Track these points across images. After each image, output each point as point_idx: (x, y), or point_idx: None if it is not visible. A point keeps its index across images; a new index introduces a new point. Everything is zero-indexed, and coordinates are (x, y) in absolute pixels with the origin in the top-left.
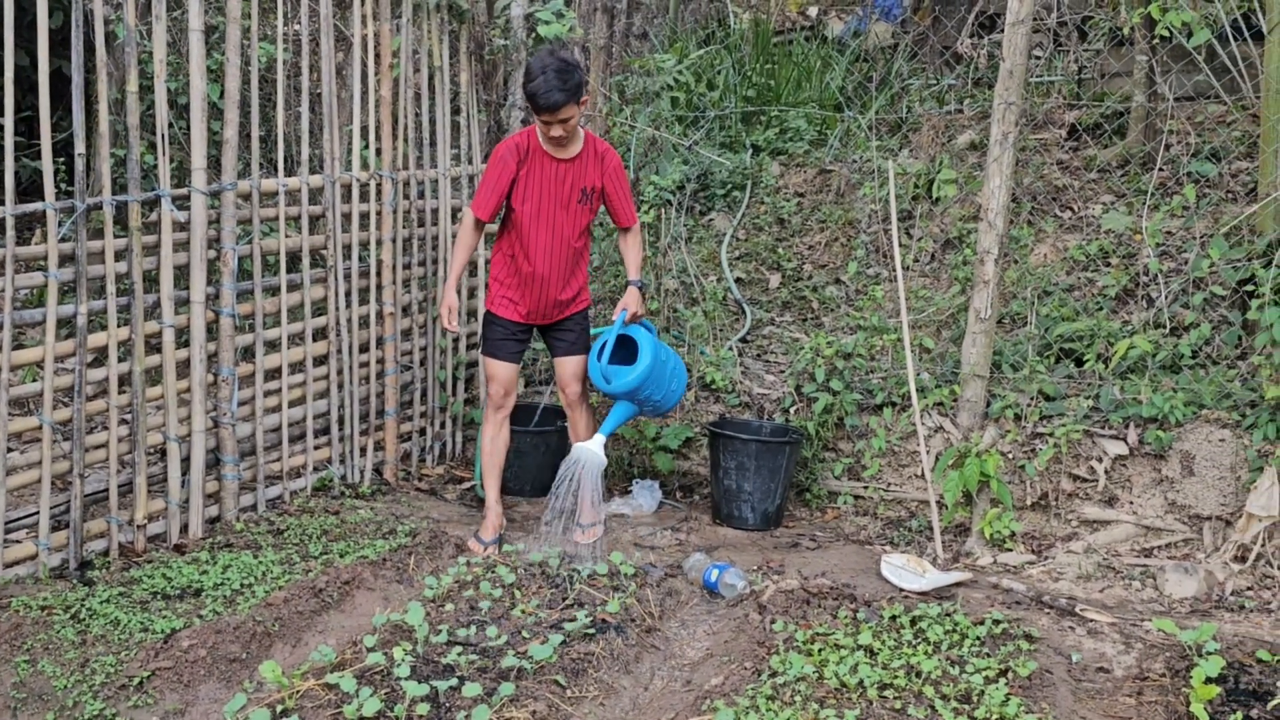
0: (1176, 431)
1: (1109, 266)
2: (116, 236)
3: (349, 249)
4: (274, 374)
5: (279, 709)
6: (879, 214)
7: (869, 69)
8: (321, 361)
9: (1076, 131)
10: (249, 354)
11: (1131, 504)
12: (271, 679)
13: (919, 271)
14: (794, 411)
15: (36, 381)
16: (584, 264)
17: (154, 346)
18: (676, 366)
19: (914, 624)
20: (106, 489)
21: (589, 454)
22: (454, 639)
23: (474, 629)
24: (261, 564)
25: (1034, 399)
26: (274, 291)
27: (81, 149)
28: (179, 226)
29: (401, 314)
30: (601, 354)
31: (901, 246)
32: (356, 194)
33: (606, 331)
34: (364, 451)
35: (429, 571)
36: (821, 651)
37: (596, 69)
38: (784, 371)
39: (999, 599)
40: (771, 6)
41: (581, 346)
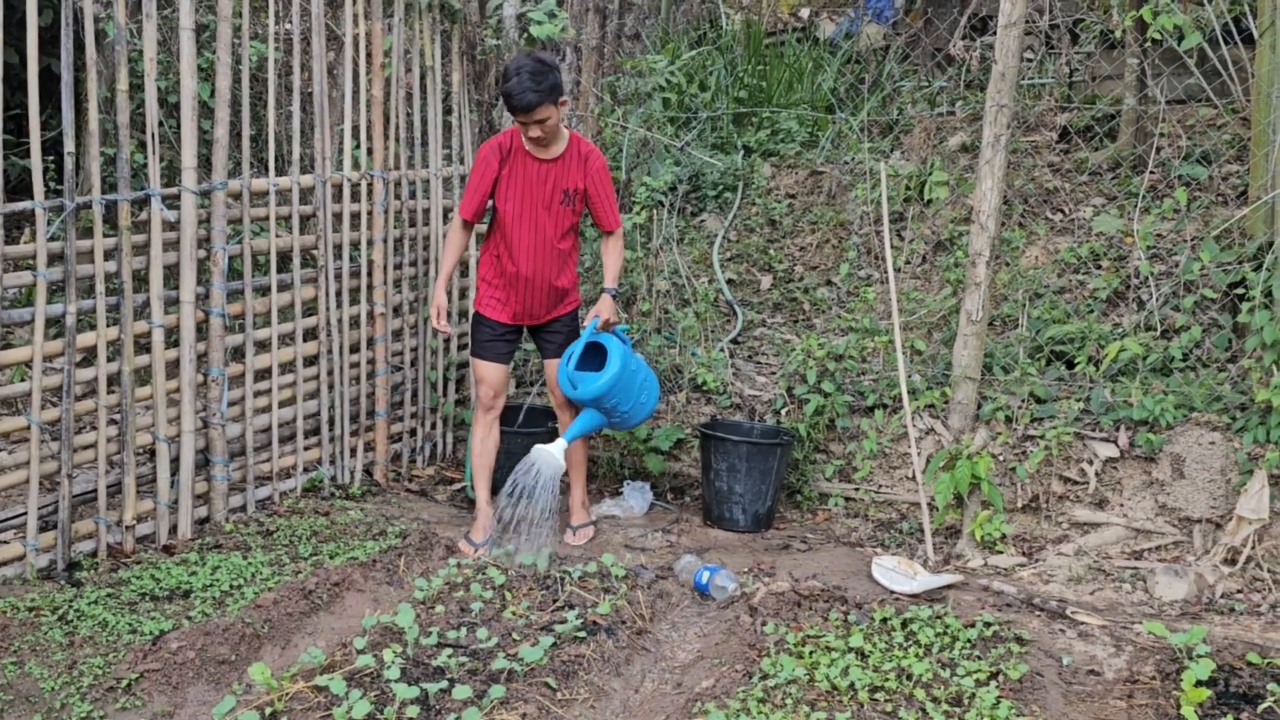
0: (1167, 434)
1: (1100, 269)
2: (106, 236)
3: (340, 249)
4: (264, 374)
5: (268, 711)
6: (870, 216)
7: (861, 71)
8: (312, 362)
9: (1068, 134)
10: (239, 354)
11: (1122, 506)
12: (261, 681)
13: (910, 273)
14: (785, 413)
15: (25, 381)
16: (572, 265)
17: (143, 346)
18: (648, 380)
19: (905, 626)
20: (95, 489)
21: (547, 458)
22: (444, 641)
23: (464, 631)
24: (251, 565)
25: (1025, 401)
26: (264, 291)
27: (71, 148)
28: (169, 226)
29: (392, 314)
30: (570, 360)
31: (893, 248)
32: (348, 194)
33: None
34: (354, 452)
35: (419, 573)
36: (812, 654)
37: (588, 69)
38: (775, 373)
39: (990, 601)
40: (763, 8)
41: None
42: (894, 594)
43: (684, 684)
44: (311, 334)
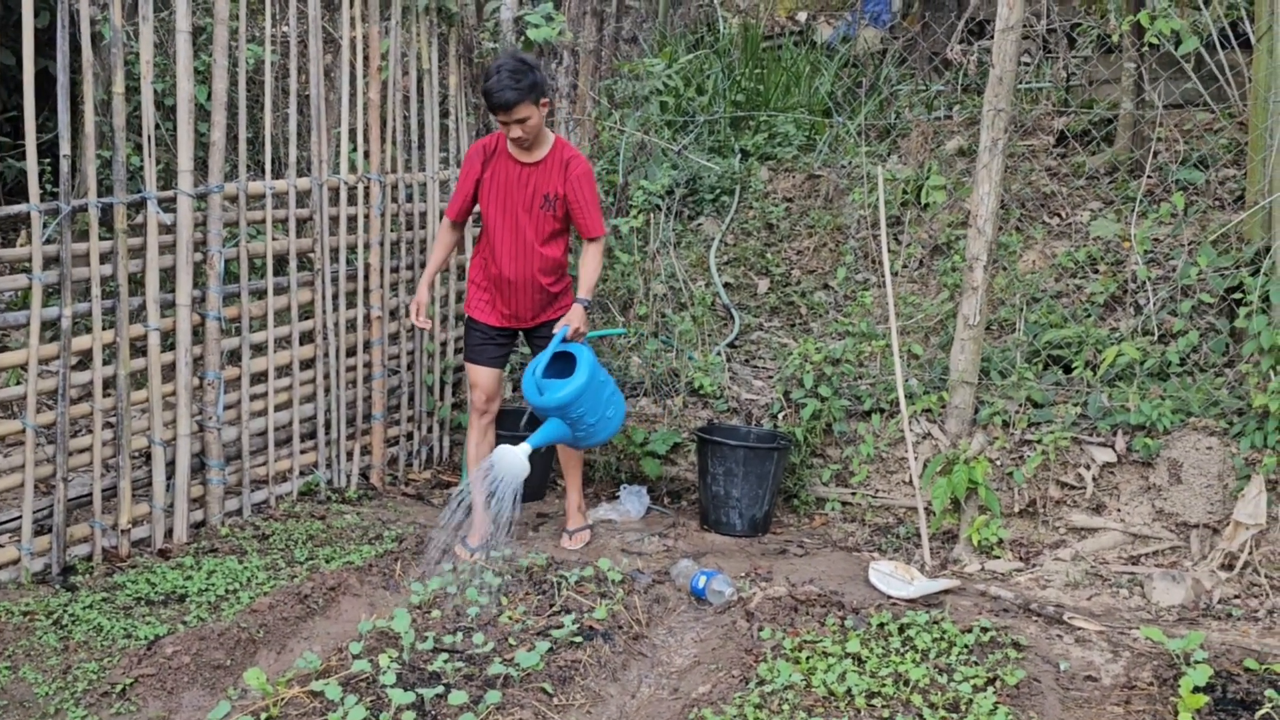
0: (1164, 439)
1: (1097, 273)
2: (102, 239)
3: (336, 252)
4: (260, 377)
5: (263, 717)
6: (868, 220)
7: (858, 74)
8: (308, 365)
9: (1065, 138)
10: (235, 357)
11: (1119, 511)
12: (256, 686)
13: (907, 278)
14: (782, 417)
15: (20, 384)
16: (562, 269)
17: (139, 349)
18: (615, 396)
19: (902, 632)
20: (90, 493)
21: (511, 458)
22: (440, 646)
23: (460, 636)
24: (246, 569)
25: (1022, 406)
26: (261, 295)
27: (67, 150)
28: (165, 229)
29: (389, 318)
30: (537, 369)
31: (890, 252)
32: (344, 197)
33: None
34: (350, 456)
35: (415, 578)
36: (809, 659)
37: (586, 73)
38: (772, 377)
39: (987, 607)
40: (761, 11)
41: None
42: (891, 599)
43: (680, 689)
44: (308, 337)
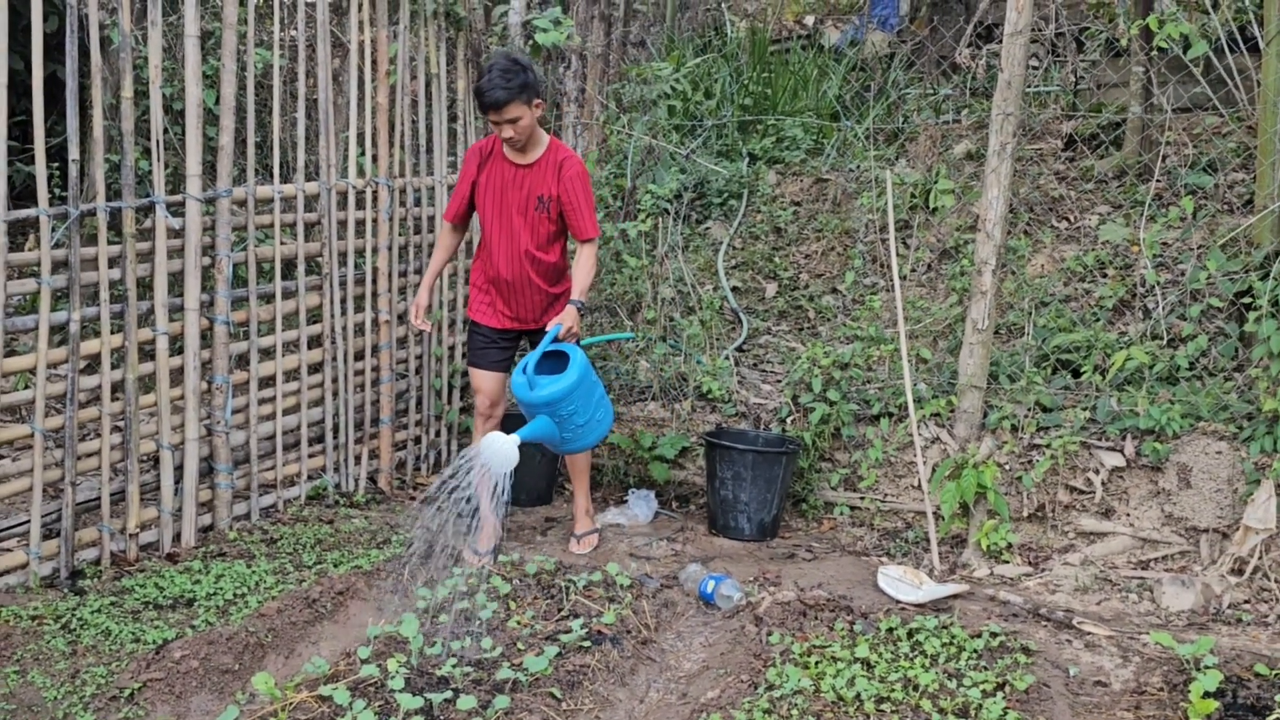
0: (1173, 444)
1: (1106, 278)
2: (110, 243)
3: (345, 256)
4: (268, 382)
5: None
6: (876, 224)
7: (866, 78)
8: (316, 369)
9: (1074, 142)
10: (243, 361)
11: (1128, 516)
12: (264, 690)
13: (916, 281)
14: (790, 421)
15: (29, 388)
16: (560, 270)
17: (147, 354)
18: (604, 400)
19: (911, 636)
20: (99, 497)
21: (500, 445)
22: (449, 651)
23: (469, 640)
24: (255, 574)
25: (1031, 410)
26: (269, 299)
27: (76, 154)
28: (173, 233)
29: (397, 322)
30: (527, 367)
31: (898, 256)
32: (353, 201)
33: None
34: (359, 460)
35: (423, 582)
36: (818, 664)
37: (593, 77)
38: (780, 381)
39: (996, 611)
40: (768, 15)
41: None
42: (900, 604)
43: (689, 694)
44: (316, 341)
